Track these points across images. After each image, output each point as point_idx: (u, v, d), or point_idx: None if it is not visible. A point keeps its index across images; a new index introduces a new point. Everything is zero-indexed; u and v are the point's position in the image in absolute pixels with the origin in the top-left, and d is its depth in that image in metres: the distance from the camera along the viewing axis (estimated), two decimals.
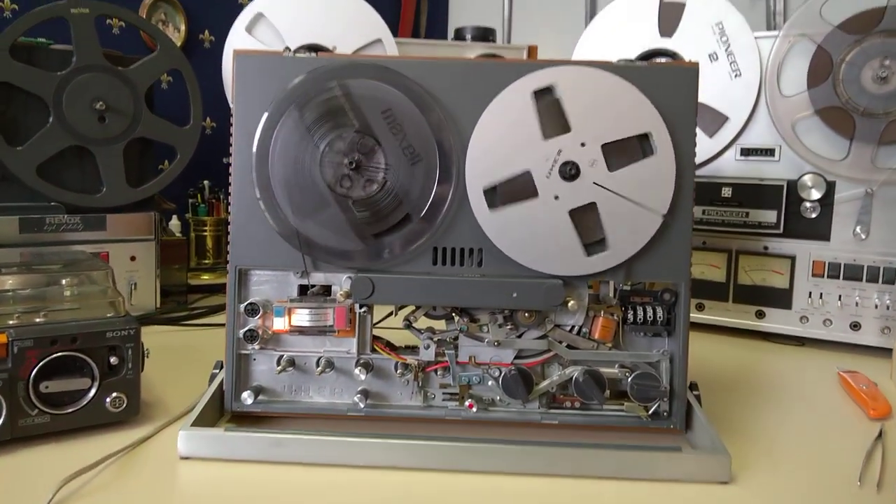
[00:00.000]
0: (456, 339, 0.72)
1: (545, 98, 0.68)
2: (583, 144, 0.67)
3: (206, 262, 1.45)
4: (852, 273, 1.05)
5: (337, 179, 0.68)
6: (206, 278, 1.40)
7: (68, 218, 1.08)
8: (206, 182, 1.47)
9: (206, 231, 1.45)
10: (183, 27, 1.61)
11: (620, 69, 0.68)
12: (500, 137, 0.68)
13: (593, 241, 0.69)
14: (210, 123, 1.68)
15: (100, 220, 1.10)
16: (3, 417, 0.64)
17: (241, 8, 1.21)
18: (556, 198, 0.68)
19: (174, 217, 1.45)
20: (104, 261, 0.94)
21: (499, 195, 0.68)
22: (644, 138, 0.68)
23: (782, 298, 1.10)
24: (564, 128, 0.68)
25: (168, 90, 1.58)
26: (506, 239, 0.68)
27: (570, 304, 0.70)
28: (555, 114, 0.68)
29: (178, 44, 1.59)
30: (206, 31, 1.67)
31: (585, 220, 0.68)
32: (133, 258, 1.13)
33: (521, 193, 0.68)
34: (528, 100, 0.68)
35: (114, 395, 0.70)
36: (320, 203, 0.69)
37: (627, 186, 0.68)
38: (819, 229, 1.06)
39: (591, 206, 0.68)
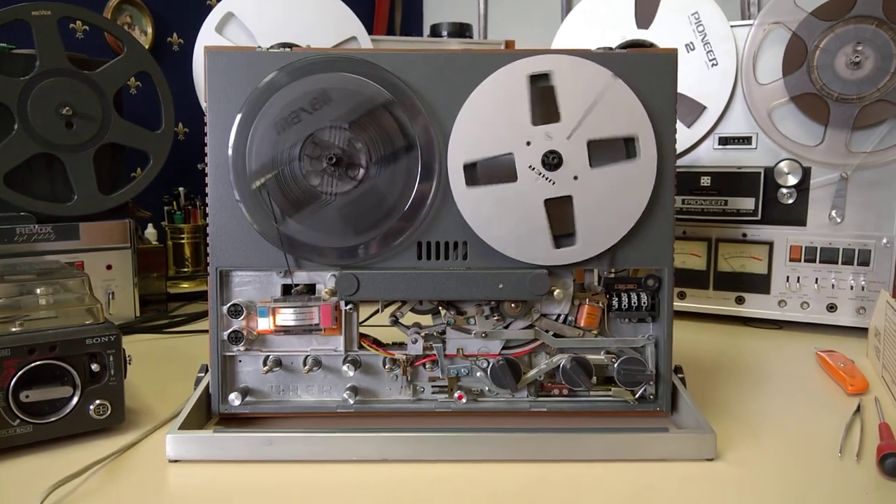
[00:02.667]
0: (443, 332, 0.72)
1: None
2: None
3: (185, 270, 1.42)
4: (828, 256, 1.07)
5: (317, 176, 0.68)
6: (185, 286, 1.38)
7: (39, 227, 1.05)
8: (181, 189, 1.45)
9: (183, 238, 1.42)
10: (150, 30, 1.59)
11: (601, 57, 0.68)
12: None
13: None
14: (182, 129, 1.65)
15: (72, 228, 1.08)
16: None
17: (209, 10, 1.19)
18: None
19: (150, 225, 1.43)
20: (79, 269, 0.92)
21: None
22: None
23: (761, 284, 1.11)
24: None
25: (137, 95, 1.55)
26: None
27: (556, 293, 0.70)
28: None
29: (146, 47, 1.56)
30: (175, 34, 1.65)
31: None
32: (109, 267, 1.11)
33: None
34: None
35: (97, 402, 0.68)
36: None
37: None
38: (796, 215, 1.08)
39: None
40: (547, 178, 0.68)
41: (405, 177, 0.68)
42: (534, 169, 0.68)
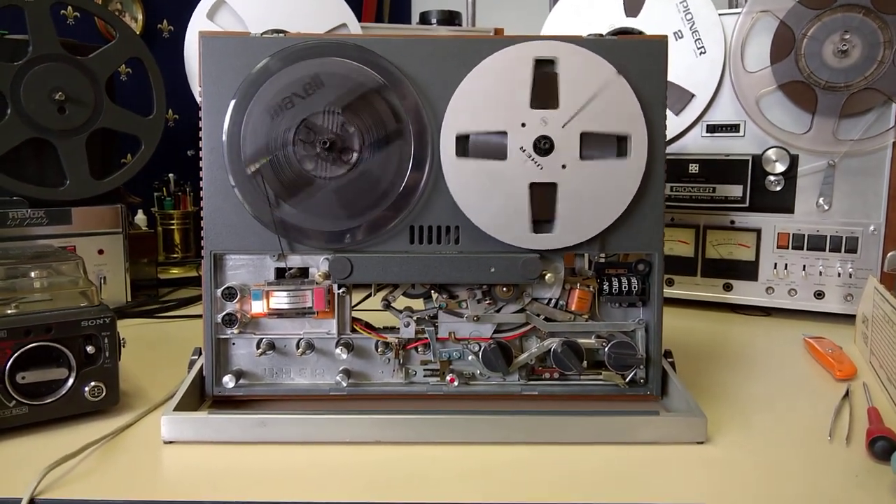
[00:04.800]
0: (435, 316, 0.72)
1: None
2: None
3: (175, 255, 1.42)
4: (815, 243, 1.08)
5: (311, 160, 0.68)
6: (175, 272, 1.38)
7: (32, 212, 1.05)
8: (171, 175, 1.45)
9: (173, 224, 1.43)
10: (140, 16, 1.58)
11: (592, 43, 0.69)
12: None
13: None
14: (172, 116, 1.65)
15: (65, 213, 1.08)
16: None
17: None
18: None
19: (139, 211, 1.43)
20: (73, 253, 0.92)
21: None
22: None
23: (749, 271, 1.13)
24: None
25: (127, 81, 1.55)
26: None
27: (548, 277, 0.71)
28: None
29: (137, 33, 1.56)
30: (165, 21, 1.64)
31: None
32: (101, 251, 1.11)
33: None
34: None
35: (92, 384, 0.69)
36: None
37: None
38: (783, 202, 1.09)
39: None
40: (536, 163, 0.68)
41: (398, 161, 0.68)
42: (524, 151, 0.68)
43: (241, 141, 0.68)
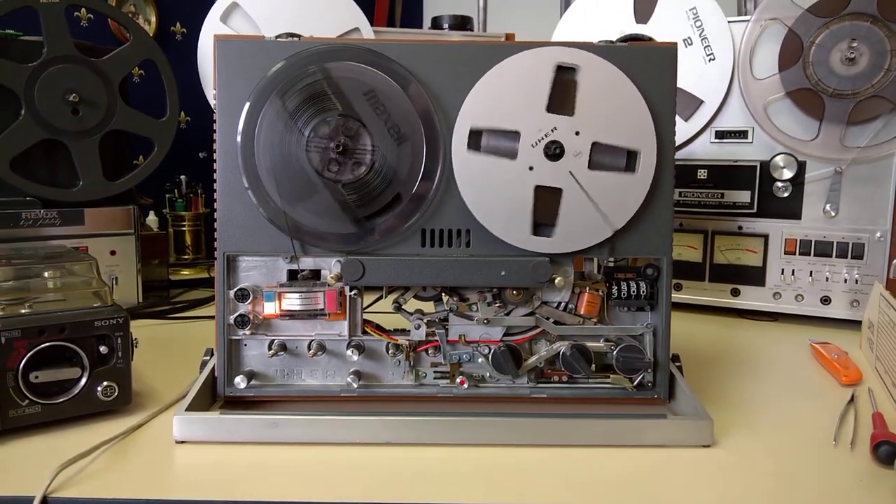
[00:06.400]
0: (445, 319, 0.73)
1: (563, 75, 0.69)
2: (577, 133, 0.69)
3: (186, 257, 1.43)
4: (822, 249, 1.08)
5: (324, 164, 0.69)
6: (186, 273, 1.39)
7: (45, 212, 1.06)
8: (182, 177, 1.46)
9: (184, 226, 1.44)
10: (153, 19, 1.60)
11: (603, 50, 0.69)
12: (508, 91, 0.69)
13: (544, 223, 0.70)
14: (184, 118, 1.66)
15: (77, 214, 1.09)
16: None
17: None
18: (531, 169, 0.69)
19: (151, 213, 1.44)
20: (86, 253, 0.93)
21: (482, 143, 0.70)
22: (632, 154, 0.70)
23: (756, 276, 1.13)
24: (569, 110, 0.69)
25: (140, 83, 1.56)
26: (469, 184, 0.69)
27: (557, 280, 0.71)
28: (566, 93, 0.69)
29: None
30: (178, 24, 1.65)
31: (546, 202, 0.70)
32: (113, 252, 1.12)
33: (502, 150, 0.69)
34: (550, 69, 0.69)
35: (105, 383, 0.69)
36: (309, 188, 0.69)
37: (598, 189, 0.69)
38: (791, 208, 1.10)
39: (557, 192, 0.70)
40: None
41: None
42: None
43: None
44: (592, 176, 0.69)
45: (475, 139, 0.69)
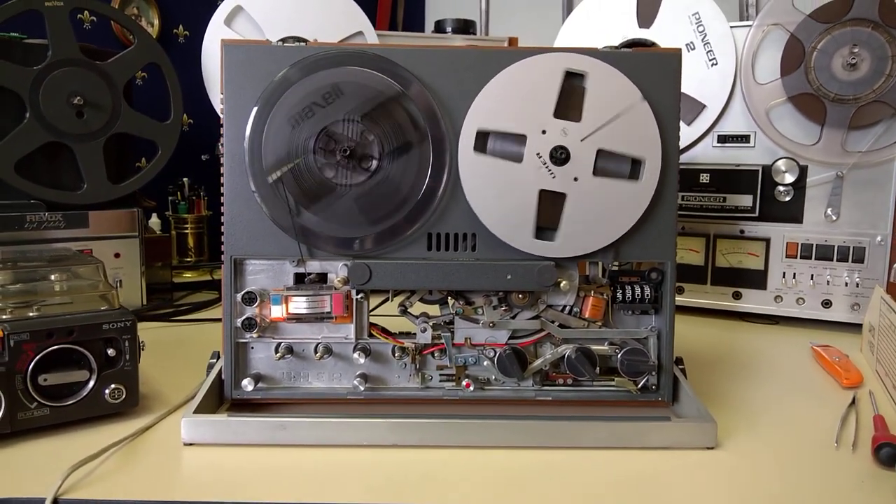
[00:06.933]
0: (451, 322, 0.74)
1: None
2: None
3: (188, 259, 1.44)
4: (823, 253, 1.09)
5: (331, 168, 0.69)
6: (188, 276, 1.39)
7: (49, 215, 1.07)
8: (185, 179, 1.46)
9: (187, 228, 1.44)
10: (156, 21, 1.60)
11: (607, 55, 0.70)
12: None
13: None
14: (187, 120, 1.67)
15: (82, 217, 1.09)
16: (2, 411, 0.64)
17: (215, 2, 1.20)
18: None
19: (154, 215, 1.44)
20: (93, 256, 0.93)
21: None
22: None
23: (758, 279, 1.13)
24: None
25: (143, 86, 1.57)
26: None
27: (563, 284, 0.72)
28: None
29: None
30: (181, 26, 1.66)
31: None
32: (117, 255, 1.12)
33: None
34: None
35: (112, 386, 0.70)
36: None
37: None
38: (792, 212, 1.10)
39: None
40: (549, 171, 0.70)
41: (417, 169, 0.70)
42: (540, 158, 0.69)
43: (262, 148, 0.69)
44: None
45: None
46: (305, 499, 0.57)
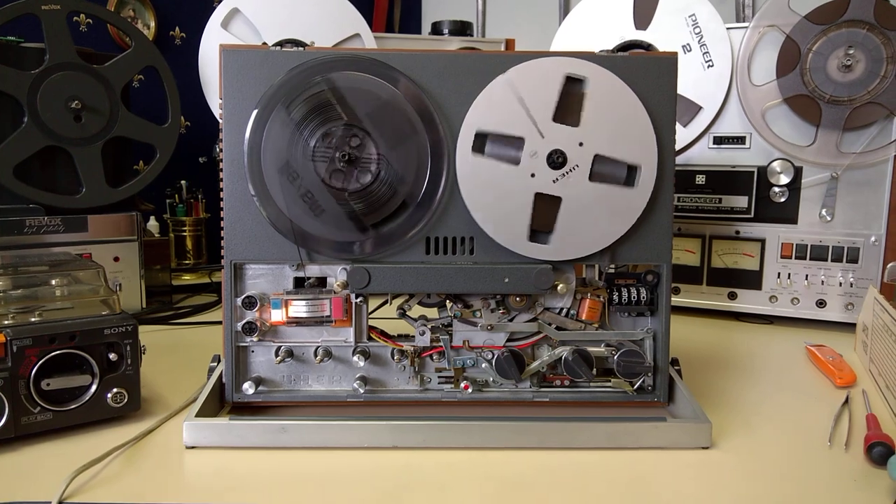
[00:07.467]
0: (449, 325, 0.74)
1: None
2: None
3: (187, 262, 1.44)
4: (818, 254, 1.10)
5: (330, 173, 0.70)
6: (187, 278, 1.40)
7: (48, 219, 1.07)
8: (183, 182, 1.46)
9: (185, 231, 1.45)
10: (153, 24, 1.60)
11: (603, 59, 0.70)
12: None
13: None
14: (184, 123, 1.67)
15: (81, 221, 1.10)
16: (5, 415, 0.65)
17: (212, 4, 1.20)
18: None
19: (152, 218, 1.44)
20: (93, 261, 0.94)
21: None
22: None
23: (753, 280, 1.14)
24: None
25: (140, 89, 1.57)
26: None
27: (559, 287, 0.73)
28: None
29: None
30: (177, 28, 1.66)
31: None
32: (116, 259, 1.13)
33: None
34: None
35: (114, 390, 0.70)
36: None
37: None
38: (787, 213, 1.11)
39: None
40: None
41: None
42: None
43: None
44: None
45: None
46: (307, 501, 0.58)
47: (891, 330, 0.81)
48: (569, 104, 0.70)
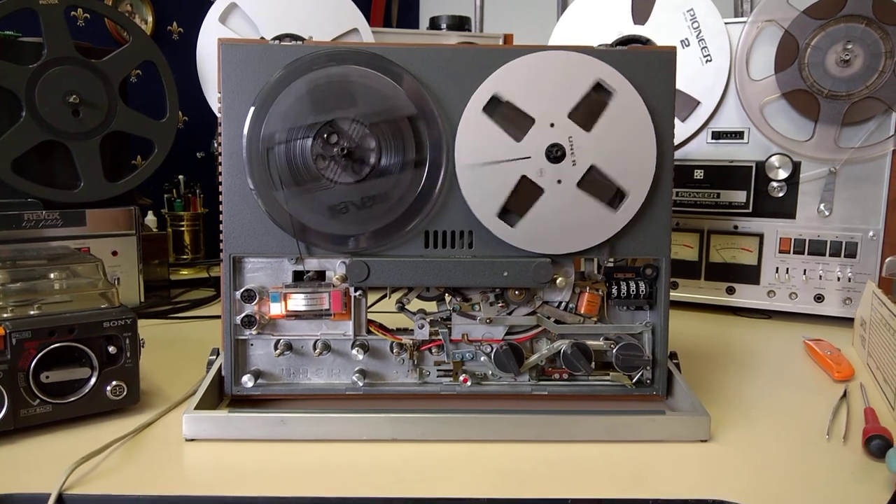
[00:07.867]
0: (448, 318, 0.74)
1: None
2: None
3: (185, 257, 1.44)
4: (816, 248, 1.10)
5: (329, 166, 0.70)
6: (185, 273, 1.40)
7: (47, 213, 1.07)
8: (181, 177, 1.46)
9: (183, 226, 1.44)
10: (150, 18, 1.60)
11: (602, 54, 0.71)
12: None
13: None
14: (182, 117, 1.66)
15: (79, 215, 1.10)
16: (5, 408, 0.65)
17: None
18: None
19: (150, 212, 1.44)
20: (91, 255, 0.94)
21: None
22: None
23: (751, 274, 1.15)
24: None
25: (138, 83, 1.56)
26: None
27: (558, 280, 0.73)
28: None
29: None
30: (174, 23, 1.65)
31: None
32: (115, 253, 1.13)
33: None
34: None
35: (114, 383, 0.70)
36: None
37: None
38: (785, 208, 1.11)
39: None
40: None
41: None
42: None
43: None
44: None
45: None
46: (306, 493, 0.58)
47: (888, 324, 0.82)
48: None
